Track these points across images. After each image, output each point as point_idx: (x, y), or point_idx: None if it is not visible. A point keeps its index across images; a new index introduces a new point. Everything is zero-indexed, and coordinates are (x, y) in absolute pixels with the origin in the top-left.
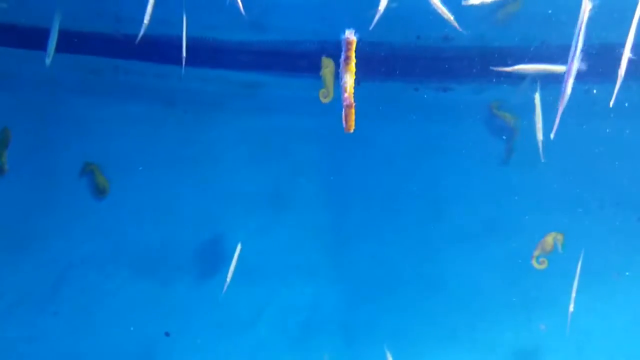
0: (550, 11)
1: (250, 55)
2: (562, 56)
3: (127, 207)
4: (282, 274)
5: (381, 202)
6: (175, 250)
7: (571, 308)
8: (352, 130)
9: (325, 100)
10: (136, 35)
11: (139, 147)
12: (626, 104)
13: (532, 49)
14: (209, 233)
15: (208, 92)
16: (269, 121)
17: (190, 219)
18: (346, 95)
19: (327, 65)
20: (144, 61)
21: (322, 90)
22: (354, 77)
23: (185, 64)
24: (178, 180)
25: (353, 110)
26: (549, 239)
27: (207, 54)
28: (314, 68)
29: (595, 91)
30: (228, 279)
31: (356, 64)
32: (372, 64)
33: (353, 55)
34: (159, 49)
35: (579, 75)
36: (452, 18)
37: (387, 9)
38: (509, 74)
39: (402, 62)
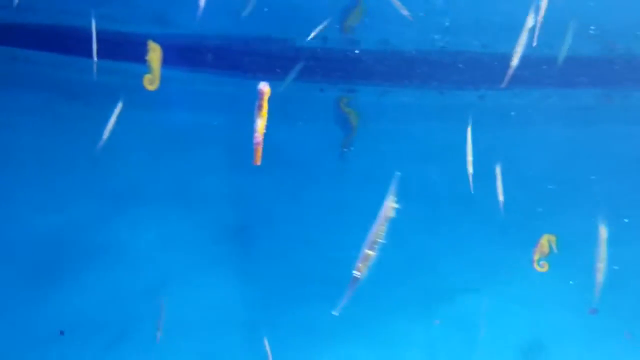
0: (447, 24)
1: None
2: (458, 62)
3: (16, 201)
4: (183, 271)
5: (285, 201)
6: (69, 249)
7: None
8: (259, 164)
9: (150, 88)
10: (36, 25)
11: (35, 138)
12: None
13: (432, 54)
14: (106, 230)
15: (111, 85)
16: (173, 116)
17: (86, 216)
18: (256, 134)
19: (154, 49)
20: (44, 51)
21: (148, 76)
22: (265, 122)
23: (89, 56)
24: (75, 174)
25: (260, 149)
26: (544, 242)
27: (110, 46)
28: (219, 63)
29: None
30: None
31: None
32: (279, 64)
33: (265, 104)
34: (60, 39)
35: (473, 81)
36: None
37: (295, 9)
38: (411, 78)
39: (309, 63)
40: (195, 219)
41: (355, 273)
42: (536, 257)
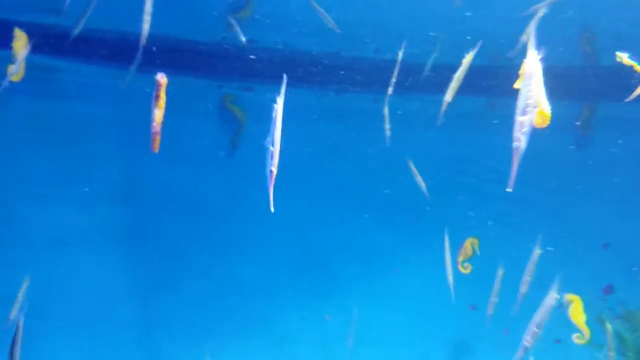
0: (340, 31)
1: (46, 39)
2: (353, 66)
3: None
4: (72, 266)
5: (179, 196)
6: None
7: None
8: (156, 151)
9: (14, 78)
10: None
11: None
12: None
13: (329, 56)
14: None
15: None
16: (64, 107)
17: None
18: (154, 124)
19: (19, 37)
20: None
21: (11, 66)
22: (162, 112)
23: None
24: None
25: (158, 138)
26: (468, 245)
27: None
28: (113, 56)
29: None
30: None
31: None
32: (178, 60)
33: (163, 95)
34: None
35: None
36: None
37: (194, 8)
38: (309, 80)
39: (208, 60)
40: (86, 212)
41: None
42: (460, 259)
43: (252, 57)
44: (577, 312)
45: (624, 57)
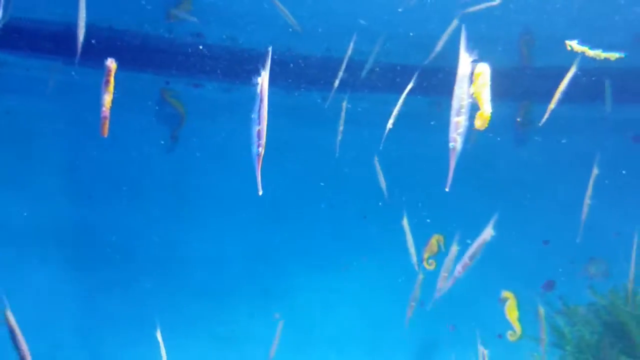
0: (290, 29)
1: None
2: (302, 63)
3: None
4: (17, 259)
5: (124, 191)
6: None
7: None
8: (105, 135)
9: None
10: None
11: None
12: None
13: (279, 54)
14: None
15: None
16: (8, 101)
17: None
18: (103, 109)
19: None
20: None
21: None
22: (111, 96)
23: None
24: None
25: (107, 122)
26: (433, 242)
27: None
28: (59, 50)
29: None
30: None
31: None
32: (124, 54)
33: (112, 79)
34: None
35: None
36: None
37: (138, 2)
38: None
39: (155, 56)
40: (28, 209)
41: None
42: (426, 255)
43: (200, 50)
44: (511, 309)
45: (573, 44)
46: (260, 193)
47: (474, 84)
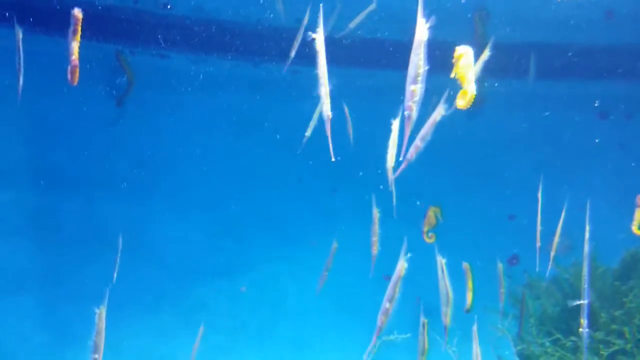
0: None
1: None
2: (270, 35)
3: None
4: None
5: (88, 170)
6: None
7: None
8: (75, 84)
9: None
10: None
11: None
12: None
13: (248, 25)
14: None
15: None
16: None
17: None
18: (73, 58)
19: None
20: None
21: None
22: (79, 44)
23: None
24: None
25: (77, 70)
26: (431, 214)
27: None
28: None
29: None
30: None
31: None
32: (87, 24)
33: (79, 28)
34: None
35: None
36: None
37: None
38: (225, 49)
39: (120, 25)
40: None
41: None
42: (425, 228)
43: (166, 20)
44: (469, 278)
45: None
46: (333, 160)
47: (456, 65)
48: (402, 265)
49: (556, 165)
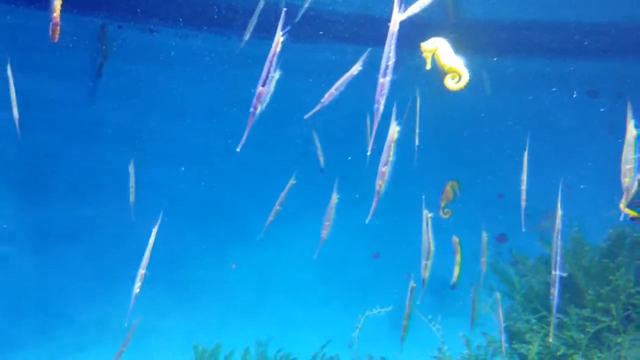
0: None
1: None
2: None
3: None
4: None
5: (79, 141)
6: None
7: None
8: (56, 40)
9: None
10: None
11: None
12: None
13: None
14: None
15: None
16: None
17: None
18: (54, 15)
19: None
20: None
21: None
22: (61, 3)
23: None
24: None
25: (58, 28)
26: (449, 188)
27: None
28: None
29: None
30: None
31: None
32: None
33: None
34: None
35: None
36: None
37: None
38: (213, 23)
39: None
40: None
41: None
42: (443, 203)
43: None
44: (457, 253)
45: None
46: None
47: (438, 59)
48: (394, 129)
49: (547, 144)
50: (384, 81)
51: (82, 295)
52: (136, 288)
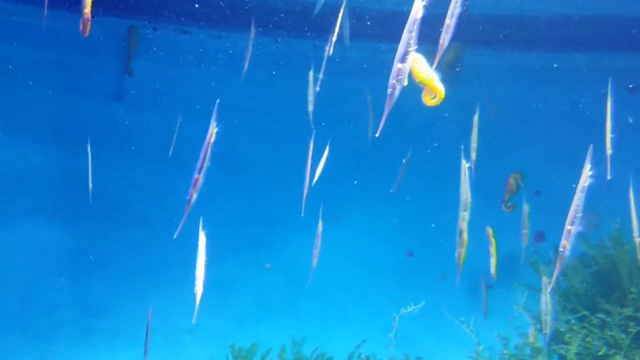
0: None
1: None
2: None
3: None
4: (4, 212)
5: (116, 140)
6: None
7: None
8: (87, 34)
9: None
10: None
11: None
12: None
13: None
14: None
15: None
16: None
17: None
18: (85, 11)
19: None
20: None
21: None
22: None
23: None
24: None
25: (89, 23)
26: (512, 181)
27: None
28: None
29: None
30: None
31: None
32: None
33: None
34: None
35: None
36: None
37: None
38: (242, 24)
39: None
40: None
41: None
42: (506, 197)
43: None
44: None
45: None
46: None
47: (415, 74)
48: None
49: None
50: (401, 67)
51: (120, 294)
52: (197, 288)
